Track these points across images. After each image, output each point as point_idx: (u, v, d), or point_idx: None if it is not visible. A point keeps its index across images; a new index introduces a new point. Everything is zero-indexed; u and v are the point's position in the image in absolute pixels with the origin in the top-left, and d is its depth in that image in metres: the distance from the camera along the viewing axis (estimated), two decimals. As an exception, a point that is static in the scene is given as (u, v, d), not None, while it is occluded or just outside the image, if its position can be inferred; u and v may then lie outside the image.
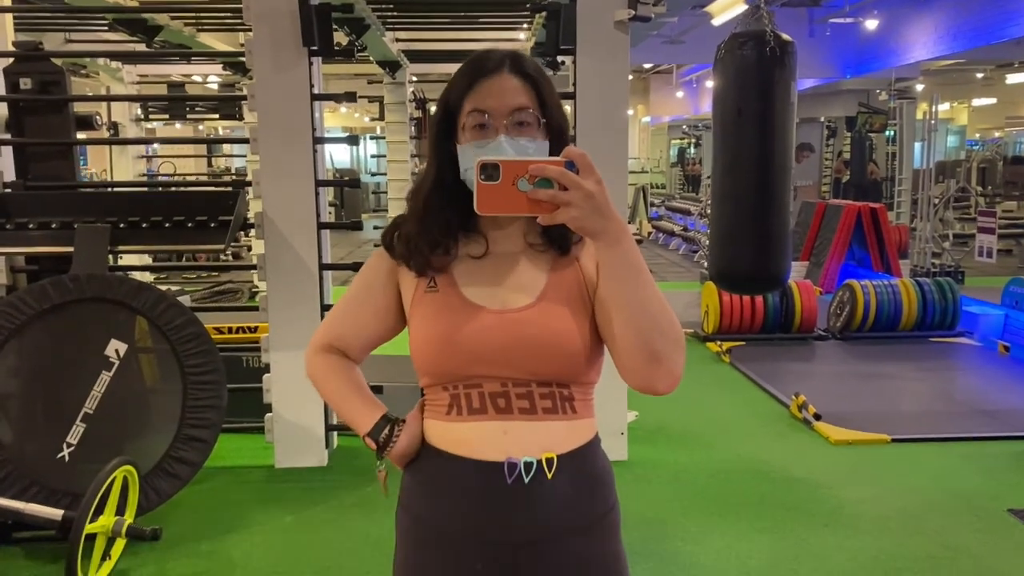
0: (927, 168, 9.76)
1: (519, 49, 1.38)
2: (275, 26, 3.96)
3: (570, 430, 1.31)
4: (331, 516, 3.70)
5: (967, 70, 17.39)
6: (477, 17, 6.67)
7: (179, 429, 3.55)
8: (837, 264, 8.71)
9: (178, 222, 3.96)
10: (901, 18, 11.45)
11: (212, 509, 3.78)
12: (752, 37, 3.51)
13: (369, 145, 20.24)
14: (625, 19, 3.95)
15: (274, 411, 4.19)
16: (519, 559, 1.29)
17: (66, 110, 4.28)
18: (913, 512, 3.68)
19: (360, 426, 1.39)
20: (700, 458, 4.38)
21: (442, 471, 1.33)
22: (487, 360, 1.28)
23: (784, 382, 5.62)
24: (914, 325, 6.89)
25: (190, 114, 10.36)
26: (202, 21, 6.55)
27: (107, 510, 3.10)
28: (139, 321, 3.63)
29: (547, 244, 1.34)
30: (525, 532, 1.28)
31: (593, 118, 4.04)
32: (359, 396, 1.42)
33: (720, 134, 3.74)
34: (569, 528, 1.30)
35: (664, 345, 1.20)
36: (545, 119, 1.30)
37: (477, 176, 1.14)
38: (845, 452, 4.45)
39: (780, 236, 3.53)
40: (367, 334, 1.42)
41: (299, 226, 4.10)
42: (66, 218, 3.92)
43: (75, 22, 6.55)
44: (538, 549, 1.29)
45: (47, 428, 3.50)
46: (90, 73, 8.94)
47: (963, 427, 4.79)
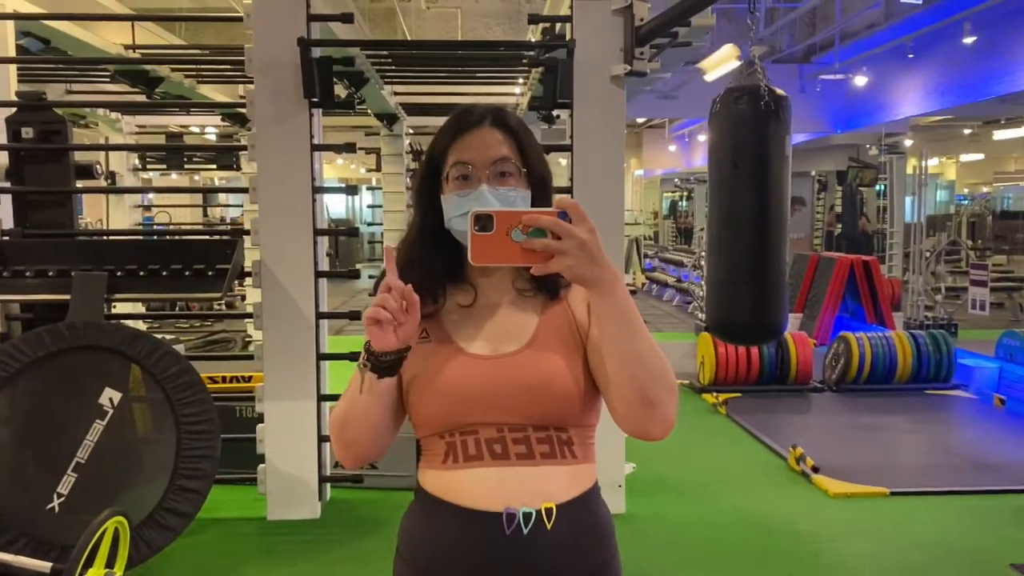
0: (918, 222, 9.85)
1: (503, 104, 1.41)
2: (277, 78, 4.01)
3: (569, 476, 1.30)
4: (324, 570, 3.63)
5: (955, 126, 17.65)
6: (474, 72, 6.78)
7: (172, 479, 3.50)
8: (831, 316, 8.73)
9: (175, 270, 3.96)
10: (890, 75, 11.68)
11: (204, 562, 3.71)
12: (747, 91, 3.56)
13: (365, 196, 20.38)
14: (621, 74, 4.02)
15: (267, 462, 4.14)
16: None
17: (66, 159, 4.30)
18: (914, 566, 3.64)
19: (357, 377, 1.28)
20: (698, 511, 4.34)
21: (439, 520, 1.31)
22: (482, 406, 1.28)
23: (781, 434, 5.58)
24: (909, 377, 6.88)
25: (187, 164, 10.42)
26: (202, 73, 6.65)
27: (97, 562, 3.04)
28: (134, 369, 3.60)
29: (536, 289, 1.35)
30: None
31: (590, 170, 4.09)
32: None
33: (716, 186, 3.78)
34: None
35: (658, 392, 1.21)
36: (526, 168, 1.34)
37: (471, 227, 1.15)
38: (844, 505, 4.41)
39: (777, 287, 3.54)
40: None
41: (297, 275, 4.10)
42: (63, 266, 3.91)
43: (76, 73, 6.63)
44: None
45: (37, 478, 3.44)
46: (89, 124, 9.02)
47: (962, 480, 4.76)
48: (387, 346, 1.21)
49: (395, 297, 1.20)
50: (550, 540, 1.26)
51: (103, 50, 5.80)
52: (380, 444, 1.33)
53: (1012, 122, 16.24)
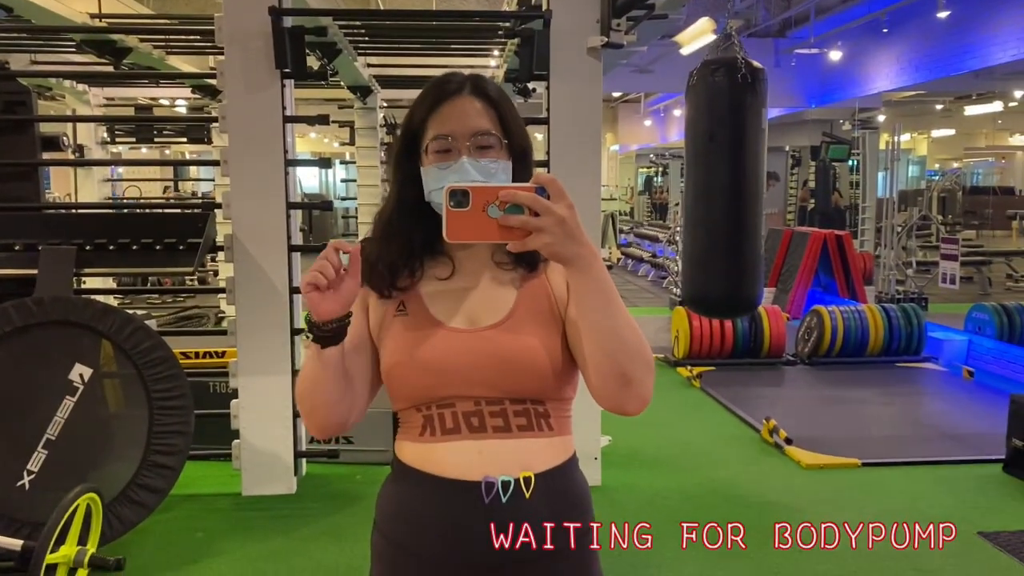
0: (890, 197, 9.94)
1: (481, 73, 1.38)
2: (247, 48, 3.94)
3: (547, 447, 1.31)
4: (300, 545, 3.62)
5: (927, 101, 17.81)
6: (449, 44, 6.70)
7: (145, 456, 3.46)
8: (804, 290, 8.81)
9: (146, 244, 3.90)
10: (864, 49, 11.73)
11: (178, 538, 3.68)
12: (723, 64, 3.56)
13: (338, 170, 20.20)
14: (598, 46, 3.99)
15: (242, 437, 4.11)
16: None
17: (31, 130, 4.21)
18: (885, 536, 3.69)
19: (312, 348, 1.26)
20: (673, 482, 4.37)
21: (417, 491, 1.31)
22: (459, 379, 1.28)
23: (754, 407, 5.64)
24: (881, 350, 6.97)
25: (157, 137, 10.26)
26: (171, 44, 6.51)
27: (69, 540, 3.01)
28: (104, 345, 3.55)
29: (515, 263, 1.34)
30: (503, 554, 1.26)
31: (566, 144, 4.06)
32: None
33: (692, 160, 3.78)
34: (547, 549, 1.28)
35: (634, 368, 1.20)
36: (507, 140, 1.31)
37: (446, 203, 1.13)
38: (816, 476, 4.46)
39: (752, 260, 3.56)
40: (358, 367, 1.33)
41: (270, 249, 4.05)
42: (30, 240, 3.84)
43: (41, 43, 6.46)
44: (516, 571, 1.27)
45: (7, 455, 3.39)
46: (56, 96, 8.82)
47: (932, 451, 4.84)
48: (326, 315, 1.20)
49: (334, 261, 1.18)
50: (529, 509, 1.27)
51: (68, 19, 5.65)
52: (340, 413, 1.30)
53: (983, 97, 16.41)
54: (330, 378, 1.26)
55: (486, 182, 1.27)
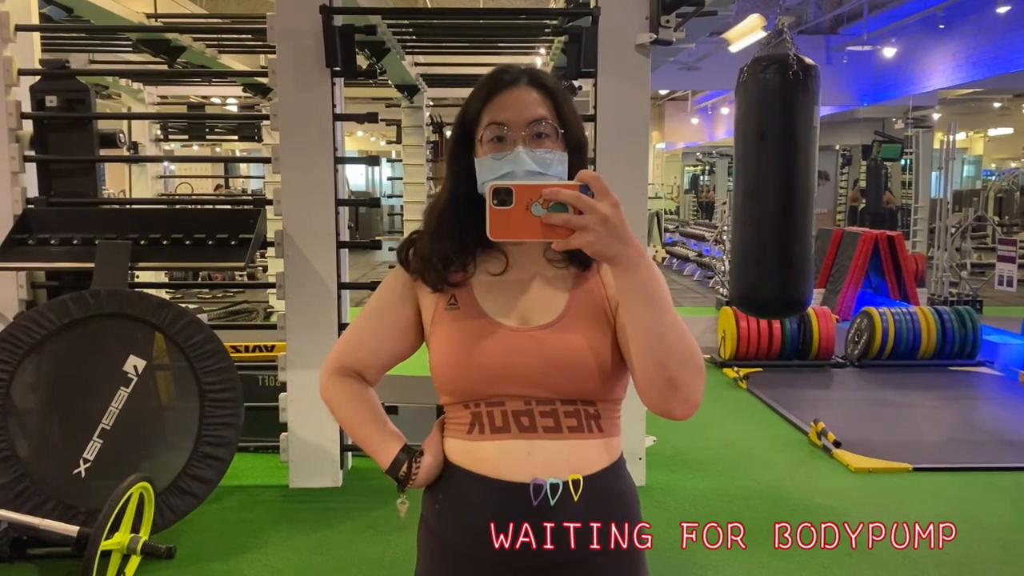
0: (944, 197, 9.71)
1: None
2: (298, 46, 3.99)
3: (596, 449, 1.29)
4: (345, 538, 3.66)
5: (984, 99, 17.36)
6: (496, 41, 6.72)
7: (195, 447, 3.53)
8: (854, 291, 8.65)
9: (198, 240, 3.97)
10: (919, 46, 11.46)
11: (226, 528, 3.75)
12: (775, 61, 3.51)
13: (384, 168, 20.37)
14: (647, 43, 3.96)
15: (290, 430, 4.17)
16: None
17: (90, 128, 4.31)
18: (937, 542, 3.61)
19: (379, 459, 1.38)
20: (718, 484, 4.33)
21: (464, 491, 1.30)
22: (510, 378, 1.26)
23: (802, 409, 5.56)
24: (933, 354, 6.82)
25: (209, 135, 10.44)
26: (224, 43, 6.63)
27: (123, 527, 3.08)
28: (158, 338, 3.63)
29: (567, 261, 1.32)
30: (550, 555, 1.26)
31: (613, 142, 4.03)
32: (376, 426, 1.40)
33: (742, 158, 3.73)
34: (595, 549, 1.27)
35: (682, 373, 1.17)
36: (563, 131, 1.29)
37: (489, 201, 1.12)
38: (866, 480, 4.38)
39: (803, 261, 3.51)
40: (387, 353, 1.40)
41: (319, 245, 4.10)
42: (87, 234, 3.93)
43: (99, 43, 6.63)
44: (563, 571, 1.27)
45: (64, 443, 3.49)
46: (112, 94, 9.04)
47: (986, 457, 4.72)
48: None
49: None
50: (577, 511, 1.26)
51: (125, 19, 5.78)
52: None
53: (1043, 95, 15.93)
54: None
55: (543, 173, 1.25)
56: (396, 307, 1.36)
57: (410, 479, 1.34)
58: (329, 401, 1.43)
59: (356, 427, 1.41)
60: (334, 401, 1.42)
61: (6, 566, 3.25)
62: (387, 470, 1.36)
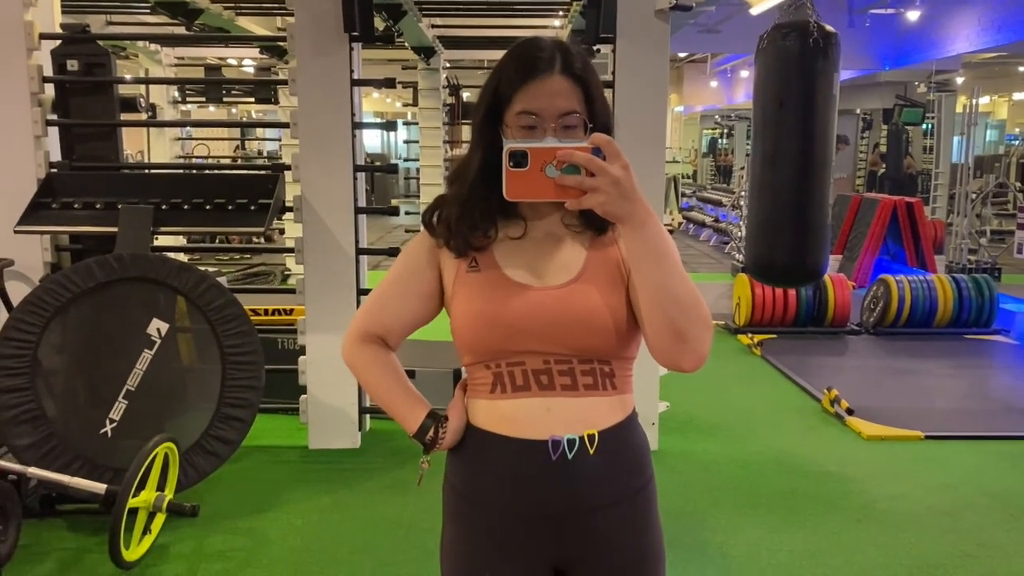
0: (965, 163, 9.61)
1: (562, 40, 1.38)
2: (316, 11, 3.99)
3: (610, 405, 1.36)
4: (364, 498, 3.75)
5: (1009, 63, 17.01)
6: (513, 4, 6.67)
7: (218, 408, 3.60)
8: (871, 258, 8.62)
9: (219, 204, 4.01)
10: (943, 9, 11.25)
11: (248, 488, 3.84)
12: (795, 28, 3.48)
13: (400, 131, 20.31)
14: (666, 7, 3.93)
15: (309, 392, 4.25)
16: (562, 532, 1.35)
17: (111, 92, 4.34)
18: (947, 509, 3.66)
19: (405, 424, 1.44)
20: (731, 450, 4.38)
21: (487, 450, 1.37)
22: (530, 336, 1.32)
23: (816, 376, 5.59)
24: (949, 322, 6.81)
25: (226, 97, 10.45)
26: (241, 5, 6.62)
27: (149, 485, 3.17)
28: (180, 301, 3.69)
29: (584, 225, 1.37)
30: (567, 506, 1.34)
31: (632, 107, 4.02)
32: (402, 391, 1.46)
33: (760, 124, 3.72)
34: (609, 501, 1.35)
35: (688, 325, 1.24)
36: (592, 122, 1.32)
37: (506, 163, 1.19)
38: (878, 448, 4.42)
39: (819, 228, 3.51)
40: (410, 317, 1.45)
41: (337, 210, 4.14)
42: (110, 199, 3.98)
43: (117, 4, 6.64)
44: (579, 522, 1.35)
45: (91, 404, 3.57)
46: (129, 55, 9.05)
47: (998, 425, 4.74)
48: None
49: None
50: (592, 464, 1.34)
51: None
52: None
53: (1070, 59, 15.62)
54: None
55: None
56: (420, 272, 1.41)
57: (436, 443, 1.41)
58: (354, 367, 1.48)
59: (382, 393, 1.47)
60: (360, 367, 1.47)
61: (36, 521, 3.36)
62: (414, 435, 1.42)
